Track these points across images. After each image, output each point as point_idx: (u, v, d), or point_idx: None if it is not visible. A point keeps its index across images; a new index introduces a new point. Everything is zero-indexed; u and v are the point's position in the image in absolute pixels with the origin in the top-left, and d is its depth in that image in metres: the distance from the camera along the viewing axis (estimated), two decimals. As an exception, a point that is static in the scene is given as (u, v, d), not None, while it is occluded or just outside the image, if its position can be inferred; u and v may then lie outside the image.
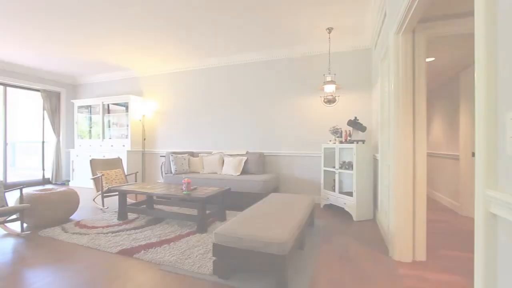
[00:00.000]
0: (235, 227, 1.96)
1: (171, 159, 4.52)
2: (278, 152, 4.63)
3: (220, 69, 5.13)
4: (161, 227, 3.03)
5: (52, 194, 3.17)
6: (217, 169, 4.53)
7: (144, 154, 5.89)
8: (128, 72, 6.00)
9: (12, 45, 4.45)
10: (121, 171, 4.41)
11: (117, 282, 1.89)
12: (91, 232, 2.88)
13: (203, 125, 5.28)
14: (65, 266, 2.14)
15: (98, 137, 6.06)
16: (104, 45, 4.42)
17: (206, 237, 2.70)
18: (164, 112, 5.70)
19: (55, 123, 6.42)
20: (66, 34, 3.95)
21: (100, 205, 4.06)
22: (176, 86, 5.57)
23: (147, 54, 4.83)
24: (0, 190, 2.74)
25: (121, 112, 5.92)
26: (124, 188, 3.36)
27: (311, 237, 2.76)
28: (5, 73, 5.53)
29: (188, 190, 3.01)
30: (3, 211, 2.56)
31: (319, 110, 4.38)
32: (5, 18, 3.46)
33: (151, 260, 2.22)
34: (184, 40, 4.18)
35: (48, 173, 6.51)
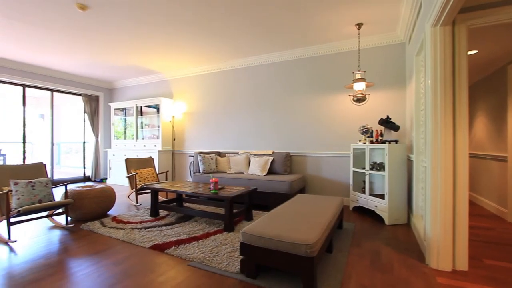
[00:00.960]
0: (262, 227, 1.97)
1: (199, 158, 4.65)
2: (305, 152, 4.56)
3: (246, 70, 5.18)
4: (190, 224, 3.13)
5: (92, 190, 3.42)
6: (244, 169, 4.57)
7: (174, 154, 6.12)
8: (158, 75, 6.28)
9: (58, 55, 4.87)
10: (153, 170, 4.62)
11: (151, 276, 1.99)
12: (126, 227, 3.05)
13: (230, 125, 5.36)
14: (104, 257, 2.30)
15: (132, 138, 6.42)
16: (136, 51, 4.67)
17: (233, 236, 2.74)
18: (192, 113, 5.89)
19: (94, 125, 6.92)
20: (104, 44, 4.24)
21: (134, 202, 4.30)
22: (203, 88, 5.72)
23: (175, 57, 5.02)
24: (48, 187, 3.01)
25: (153, 114, 6.21)
26: (155, 186, 3.52)
27: (339, 240, 2.68)
28: (53, 80, 6.07)
29: (216, 189, 3.08)
30: (51, 205, 2.81)
31: (347, 109, 4.24)
32: (56, 32, 3.79)
33: (181, 256, 2.29)
34: (211, 42, 4.28)
35: (88, 171, 7.03)
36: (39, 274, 2.01)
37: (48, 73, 5.94)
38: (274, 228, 1.92)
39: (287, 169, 4.35)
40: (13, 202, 2.72)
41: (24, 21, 3.56)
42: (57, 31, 3.88)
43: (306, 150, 4.56)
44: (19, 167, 3.16)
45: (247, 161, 4.61)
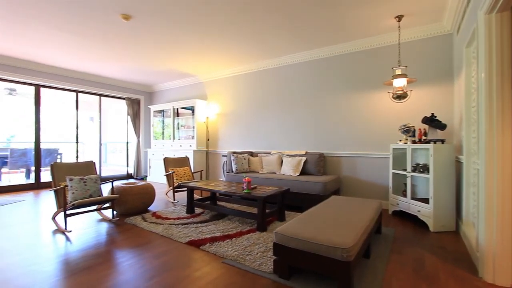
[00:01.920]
0: (296, 228, 1.94)
1: (232, 158, 4.74)
2: (339, 152, 4.40)
3: (278, 69, 5.16)
4: (223, 223, 3.20)
5: (134, 187, 3.67)
6: (276, 169, 4.56)
7: (208, 153, 6.32)
8: (193, 78, 6.54)
9: (105, 63, 5.32)
10: (189, 169, 4.82)
11: (188, 270, 2.07)
12: (164, 222, 3.22)
13: (262, 126, 5.39)
14: (145, 250, 2.45)
15: (169, 138, 6.77)
16: (174, 56, 4.91)
17: (266, 236, 2.74)
18: (225, 113, 6.02)
19: (136, 126, 7.42)
20: (145, 50, 4.53)
21: (171, 199, 4.52)
22: (236, 89, 5.82)
23: (209, 60, 5.17)
24: (97, 183, 3.30)
25: (188, 115, 6.49)
26: (191, 185, 3.66)
27: (378, 245, 2.54)
28: (100, 85, 6.65)
29: (249, 189, 3.11)
30: (100, 199, 3.08)
31: (386, 107, 4.01)
32: (102, 42, 4.15)
33: (215, 253, 2.36)
34: (243, 44, 4.34)
35: (131, 169, 7.57)
36: (89, 262, 2.21)
37: (96, 80, 6.52)
38: (309, 230, 1.88)
39: (320, 170, 4.24)
40: (68, 196, 3.02)
41: (75, 33, 3.94)
42: (103, 41, 4.23)
43: (341, 150, 4.41)
44: (73, 165, 3.51)
45: (280, 161, 4.59)
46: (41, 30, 3.85)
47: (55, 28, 3.76)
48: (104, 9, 3.24)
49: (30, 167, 6.42)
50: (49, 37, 4.11)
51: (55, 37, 4.11)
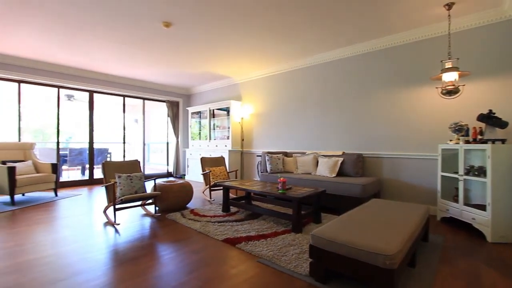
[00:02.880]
0: (334, 231, 1.87)
1: (266, 158, 4.75)
2: (380, 153, 4.16)
3: (313, 68, 5.04)
4: (258, 222, 3.22)
5: (174, 185, 3.87)
6: (311, 170, 4.46)
7: (243, 153, 6.42)
8: (228, 80, 6.69)
9: (147, 69, 5.70)
10: (224, 169, 4.94)
11: (224, 267, 2.12)
12: (202, 219, 3.35)
13: (296, 126, 5.31)
14: (184, 245, 2.56)
15: (205, 138, 7.02)
16: (210, 59, 5.08)
17: (301, 237, 2.70)
18: (260, 114, 6.06)
19: (175, 127, 7.83)
20: (184, 55, 4.76)
21: (208, 197, 4.68)
22: (270, 89, 5.82)
23: (244, 60, 5.25)
24: (142, 180, 3.55)
25: (223, 116, 6.66)
26: (227, 184, 3.75)
27: (425, 254, 2.35)
28: (143, 90, 7.14)
29: (284, 189, 3.09)
30: (144, 196, 3.31)
31: (434, 104, 3.68)
32: (145, 49, 4.46)
33: (251, 252, 2.38)
34: (278, 43, 4.32)
35: (170, 168, 8.00)
36: (135, 254, 2.38)
37: (140, 84, 7.01)
38: (347, 234, 1.81)
39: (359, 171, 4.05)
40: (117, 192, 3.30)
41: (122, 42, 4.28)
42: (146, 48, 4.53)
43: (381, 151, 4.16)
44: (121, 163, 3.81)
45: (315, 161, 4.48)
46: (93, 41, 4.25)
47: (104, 39, 4.13)
48: (147, 18, 3.47)
49: (85, 164, 7.15)
50: (99, 48, 4.53)
51: (105, 47, 4.51)
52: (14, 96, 5.48)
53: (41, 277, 1.94)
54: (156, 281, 1.90)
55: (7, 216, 3.54)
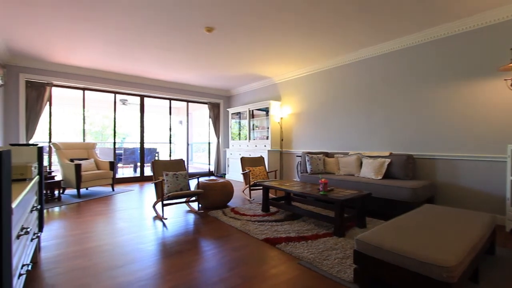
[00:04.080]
0: (381, 237, 1.75)
1: (306, 159, 4.65)
2: (433, 154, 3.78)
3: (355, 64, 4.80)
4: (298, 224, 3.17)
5: (216, 184, 4.01)
6: (354, 171, 4.25)
7: (282, 153, 6.39)
8: (267, 80, 6.72)
9: (190, 73, 6.01)
10: (264, 169, 4.97)
11: (264, 267, 2.13)
12: (242, 218, 3.41)
13: (338, 125, 5.11)
14: (225, 242, 2.64)
15: (245, 139, 7.14)
16: (250, 60, 5.15)
17: (344, 242, 2.58)
18: (299, 113, 5.97)
19: (216, 128, 8.12)
20: (224, 58, 4.91)
21: (248, 197, 4.75)
22: (310, 88, 5.69)
23: (283, 60, 5.21)
24: (186, 178, 3.75)
25: (263, 116, 6.70)
26: (266, 184, 3.76)
27: (490, 269, 2.07)
28: (187, 93, 7.54)
29: (325, 191, 2.99)
30: (188, 193, 3.49)
31: (501, 99, 3.22)
32: (188, 54, 4.71)
33: (291, 253, 2.35)
34: (318, 40, 4.20)
35: (212, 167, 8.32)
36: (181, 247, 2.52)
37: (184, 88, 7.42)
38: (397, 240, 1.67)
39: (408, 174, 3.73)
40: (165, 189, 3.53)
41: (167, 49, 4.58)
42: (190, 53, 4.77)
43: (436, 151, 3.78)
44: (167, 162, 4.08)
45: (359, 162, 4.26)
46: (143, 50, 4.62)
47: (153, 47, 4.46)
48: (191, 25, 3.65)
49: (137, 163, 7.81)
50: (149, 55, 4.91)
51: (154, 54, 4.87)
52: (79, 102, 6.23)
53: (102, 263, 2.17)
54: (200, 274, 1.99)
55: (75, 207, 4.03)
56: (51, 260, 2.22)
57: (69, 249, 2.45)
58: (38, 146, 2.33)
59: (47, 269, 2.06)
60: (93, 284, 1.85)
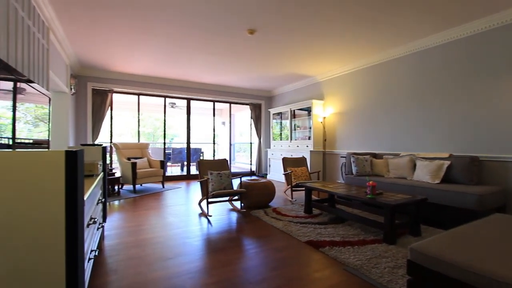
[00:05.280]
0: (441, 247, 1.58)
1: (352, 160, 4.43)
2: (505, 156, 3.28)
3: (406, 58, 4.40)
4: (343, 227, 3.03)
5: (258, 184, 4.05)
6: (407, 174, 3.91)
7: (325, 154, 6.19)
8: (309, 79, 6.57)
9: (233, 75, 6.18)
10: (306, 169, 4.87)
11: (307, 269, 2.08)
12: (284, 219, 3.38)
13: (387, 124, 4.75)
14: (267, 242, 2.64)
15: (286, 139, 7.09)
16: (292, 59, 5.09)
17: (395, 250, 2.39)
18: (343, 112, 5.71)
19: (258, 128, 8.21)
20: (266, 59, 4.94)
21: (289, 197, 4.70)
22: (355, 85, 5.41)
23: (327, 58, 5.04)
24: (229, 178, 3.86)
25: (304, 116, 6.58)
26: (309, 185, 3.68)
27: None
28: (229, 94, 7.77)
29: (373, 194, 2.81)
30: (232, 192, 3.60)
31: None
32: (231, 57, 4.85)
33: (335, 258, 2.25)
34: (364, 35, 3.96)
35: (253, 167, 8.43)
36: (224, 244, 2.60)
37: (227, 89, 7.66)
38: (461, 253, 1.49)
39: (473, 178, 3.30)
40: (209, 187, 3.68)
41: (211, 53, 4.76)
42: (232, 56, 4.90)
43: (507, 152, 3.27)
44: (212, 162, 4.25)
45: (412, 164, 3.90)
46: (189, 55, 4.89)
47: (198, 51, 4.69)
48: (234, 28, 3.75)
49: (184, 162, 8.31)
50: (195, 59, 5.17)
51: (199, 59, 5.13)
52: (135, 106, 6.85)
53: (154, 254, 2.35)
54: (243, 272, 2.02)
55: (131, 201, 4.45)
56: (113, 248, 2.48)
57: (127, 239, 2.71)
58: (102, 146, 2.62)
59: (109, 255, 2.31)
60: (147, 272, 2.01)
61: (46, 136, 2.23)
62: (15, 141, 1.57)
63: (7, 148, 1.48)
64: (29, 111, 1.93)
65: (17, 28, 2.31)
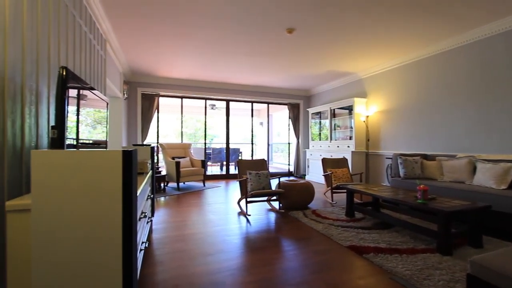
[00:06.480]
0: (508, 261, 1.38)
1: (399, 161, 4.12)
2: None
3: (464, 48, 3.94)
4: (389, 234, 2.83)
5: (297, 184, 3.99)
6: (465, 178, 3.50)
7: (368, 155, 5.85)
8: (351, 76, 6.27)
9: (271, 75, 6.18)
10: (347, 171, 4.66)
11: (349, 275, 1.98)
12: (324, 221, 3.28)
13: (441, 122, 4.32)
14: (306, 244, 2.59)
15: (326, 139, 6.87)
16: (332, 56, 4.92)
17: (451, 262, 2.16)
18: (389, 110, 5.34)
19: (296, 128, 8.10)
20: (304, 57, 4.85)
21: (329, 199, 4.55)
22: (402, 81, 5.01)
23: (369, 53, 4.76)
24: (268, 178, 3.87)
25: (345, 115, 6.30)
26: (351, 187, 3.51)
27: None
28: (267, 95, 7.79)
29: (425, 199, 2.57)
30: (270, 192, 3.61)
31: None
32: (270, 58, 4.87)
33: (381, 266, 2.11)
34: (413, 25, 3.64)
35: (291, 167, 8.34)
36: (263, 244, 2.61)
37: (265, 90, 7.70)
38: (536, 270, 1.28)
39: (551, 184, 2.83)
40: (248, 187, 3.74)
41: (249, 55, 4.82)
42: (270, 56, 4.91)
43: None
44: (250, 162, 4.30)
45: (471, 167, 3.49)
46: (228, 58, 5.02)
47: (237, 54, 4.79)
48: (272, 29, 3.75)
49: (223, 161, 8.56)
50: (233, 62, 5.30)
51: (237, 61, 5.23)
52: (178, 108, 7.27)
53: (196, 249, 2.46)
54: (282, 273, 2.01)
55: (175, 198, 4.72)
56: (160, 241, 2.65)
57: (172, 233, 2.88)
58: (150, 146, 2.83)
59: (157, 248, 2.48)
60: (190, 266, 2.11)
61: (103, 137, 2.48)
62: (78, 141, 1.76)
63: (73, 148, 1.68)
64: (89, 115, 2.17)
65: (81, 41, 2.61)
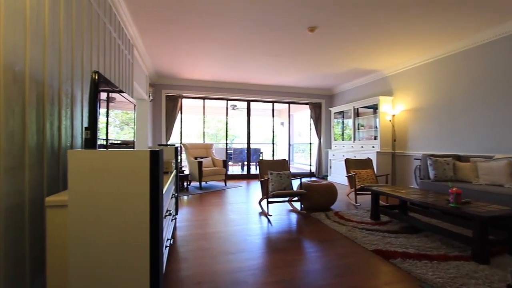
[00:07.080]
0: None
1: (429, 163, 3.90)
2: None
3: (500, 41, 3.64)
4: (418, 238, 2.69)
5: (319, 185, 3.92)
6: (503, 181, 3.24)
7: (394, 155, 5.61)
8: (375, 74, 6.05)
9: (291, 76, 6.13)
10: (372, 172, 4.50)
11: (375, 281, 1.91)
12: (347, 224, 3.19)
13: (475, 120, 4.03)
14: (329, 247, 2.53)
15: (349, 139, 6.68)
16: (355, 54, 4.77)
17: (488, 271, 2.00)
18: (417, 109, 5.08)
19: (318, 128, 7.96)
20: (326, 56, 4.74)
21: (353, 201, 4.41)
22: (431, 78, 4.74)
23: (396, 48, 4.55)
24: (289, 178, 3.84)
25: (369, 114, 6.09)
26: (376, 189, 3.38)
27: None
28: (288, 95, 7.73)
29: (458, 203, 2.41)
30: (292, 193, 3.58)
31: None
32: (291, 57, 4.82)
33: (409, 272, 2.01)
34: (444, 18, 3.43)
35: (313, 168, 8.21)
36: (284, 245, 2.58)
37: (286, 90, 7.65)
38: None
39: None
40: (269, 187, 3.73)
41: (270, 55, 4.81)
42: (292, 55, 4.86)
43: None
44: (271, 162, 4.29)
45: (510, 169, 3.22)
46: (250, 58, 5.04)
47: (258, 54, 4.79)
48: (294, 28, 3.71)
49: (244, 161, 8.61)
50: (254, 63, 5.31)
51: (259, 61, 5.24)
52: (200, 109, 7.43)
53: (218, 247, 2.49)
54: (304, 275, 1.98)
55: (198, 197, 4.83)
56: (183, 238, 2.72)
57: (195, 231, 2.94)
58: (174, 146, 2.91)
59: (181, 245, 2.55)
60: (212, 264, 2.15)
61: (130, 138, 2.59)
62: (108, 142, 1.86)
63: (103, 148, 1.77)
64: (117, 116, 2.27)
65: (111, 47, 2.75)
